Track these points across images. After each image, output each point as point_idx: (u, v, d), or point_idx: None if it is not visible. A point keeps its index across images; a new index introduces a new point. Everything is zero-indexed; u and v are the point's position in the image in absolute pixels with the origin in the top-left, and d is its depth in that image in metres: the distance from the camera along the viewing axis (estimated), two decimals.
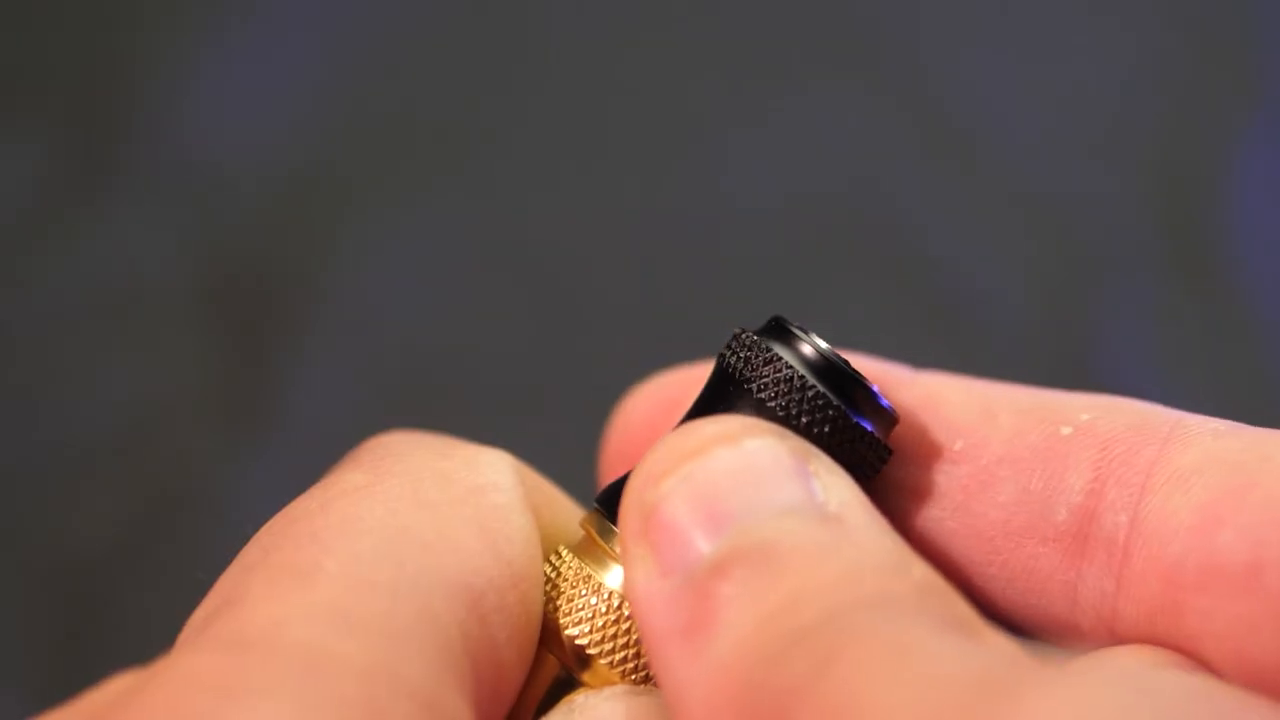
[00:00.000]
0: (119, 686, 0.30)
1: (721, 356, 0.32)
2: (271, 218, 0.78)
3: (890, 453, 0.31)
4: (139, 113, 0.80)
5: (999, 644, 0.25)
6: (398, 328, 0.76)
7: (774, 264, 0.77)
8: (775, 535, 0.26)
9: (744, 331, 0.31)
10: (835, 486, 0.28)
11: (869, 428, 0.31)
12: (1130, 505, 0.31)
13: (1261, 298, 0.77)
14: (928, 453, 0.33)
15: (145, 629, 0.41)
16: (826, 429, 0.30)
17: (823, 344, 0.31)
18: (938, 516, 0.33)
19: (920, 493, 0.33)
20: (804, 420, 0.30)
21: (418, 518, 0.28)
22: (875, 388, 0.31)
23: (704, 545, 0.27)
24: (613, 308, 0.76)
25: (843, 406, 0.30)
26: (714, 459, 0.27)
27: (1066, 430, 0.32)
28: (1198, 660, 0.29)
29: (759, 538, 0.26)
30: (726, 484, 0.27)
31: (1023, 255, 0.78)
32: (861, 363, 0.33)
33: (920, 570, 0.27)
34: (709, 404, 0.31)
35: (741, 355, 0.31)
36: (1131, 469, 0.31)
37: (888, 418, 0.31)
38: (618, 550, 0.31)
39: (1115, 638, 0.31)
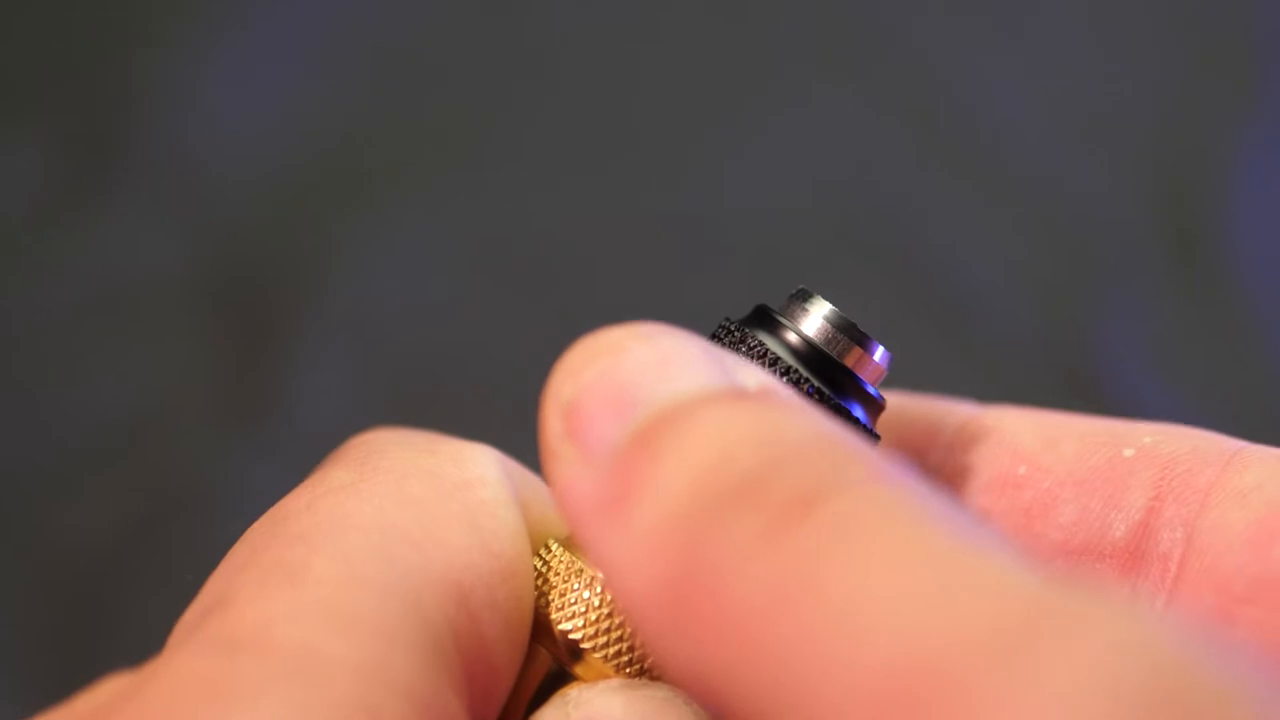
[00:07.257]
0: (110, 689, 0.30)
1: None
2: (271, 218, 0.78)
3: (878, 438, 0.32)
4: (139, 113, 0.80)
5: (1007, 539, 0.23)
6: (397, 327, 0.76)
7: (774, 264, 0.77)
8: (699, 404, 0.25)
9: (729, 320, 0.32)
10: (754, 373, 0.27)
11: (855, 412, 0.31)
12: (1188, 521, 0.31)
13: (1261, 297, 0.77)
14: (990, 479, 0.33)
15: (145, 628, 0.41)
16: None
17: (810, 332, 0.31)
18: None
19: (983, 518, 0.33)
20: None
21: (405, 514, 0.28)
22: (863, 375, 0.31)
23: (626, 426, 0.26)
24: (612, 309, 0.76)
25: (828, 391, 0.31)
26: (630, 353, 0.26)
27: (1129, 452, 0.32)
28: None
29: (681, 407, 0.25)
30: (645, 372, 0.26)
31: (1022, 255, 0.78)
32: (921, 399, 0.33)
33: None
34: None
35: (726, 343, 0.31)
36: (1191, 488, 0.31)
37: (874, 404, 0.32)
38: None
39: None
